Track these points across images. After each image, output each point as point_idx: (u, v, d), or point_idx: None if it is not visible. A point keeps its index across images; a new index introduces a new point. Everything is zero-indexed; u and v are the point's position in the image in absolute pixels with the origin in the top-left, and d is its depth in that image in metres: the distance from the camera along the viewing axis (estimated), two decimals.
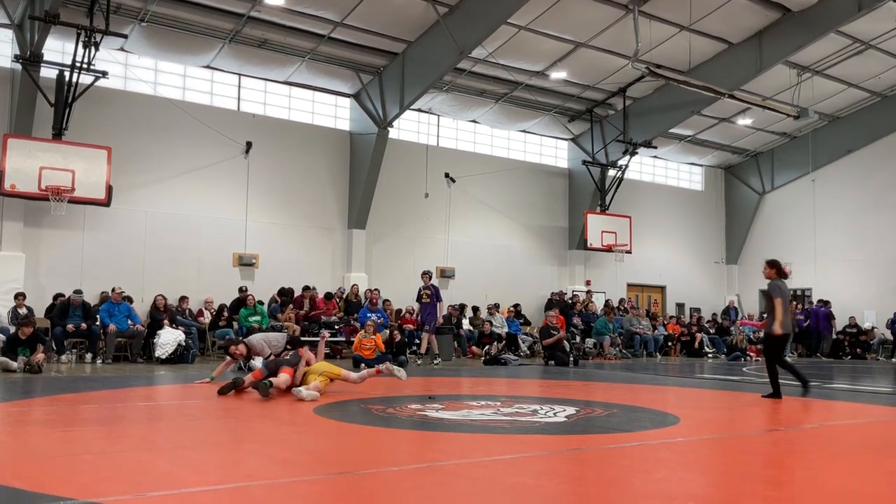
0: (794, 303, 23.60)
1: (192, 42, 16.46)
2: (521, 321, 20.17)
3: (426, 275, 15.54)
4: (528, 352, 18.81)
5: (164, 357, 13.69)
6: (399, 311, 18.16)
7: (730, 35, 18.90)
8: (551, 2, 16.49)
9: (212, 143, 17.35)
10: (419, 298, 15.64)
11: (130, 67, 16.61)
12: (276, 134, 18.43)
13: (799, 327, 22.66)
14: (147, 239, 16.49)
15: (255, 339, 9.90)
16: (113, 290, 14.40)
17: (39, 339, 11.82)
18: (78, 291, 14.03)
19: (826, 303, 22.92)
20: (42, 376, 10.60)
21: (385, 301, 17.68)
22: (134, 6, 15.18)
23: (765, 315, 12.03)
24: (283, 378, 8.00)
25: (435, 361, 15.16)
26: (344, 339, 16.54)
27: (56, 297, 14.56)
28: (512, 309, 20.06)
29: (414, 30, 17.18)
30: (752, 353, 20.33)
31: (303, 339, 15.25)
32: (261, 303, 16.08)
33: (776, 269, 9.42)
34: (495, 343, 17.45)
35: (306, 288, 17.27)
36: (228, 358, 9.68)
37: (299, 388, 7.94)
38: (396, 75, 18.02)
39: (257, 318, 15.31)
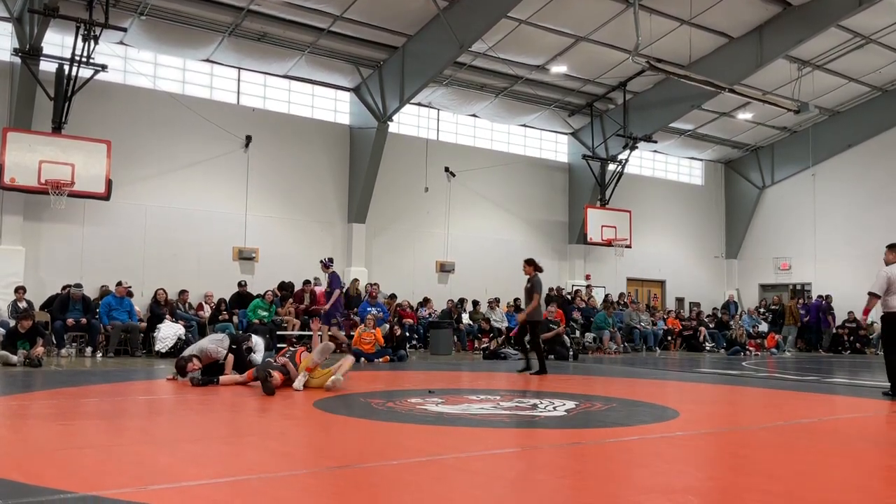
0: (796, 298, 23.67)
1: (192, 35, 16.43)
2: None
3: (323, 263, 14.42)
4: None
5: (164, 351, 13.71)
6: (399, 305, 18.16)
7: (730, 29, 18.86)
8: None
9: (211, 137, 17.33)
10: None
11: (130, 61, 16.58)
12: (276, 128, 18.41)
13: (801, 322, 22.70)
14: (147, 233, 16.48)
15: (207, 345, 9.44)
16: (119, 283, 14.37)
17: (39, 333, 11.83)
18: (78, 285, 14.00)
19: (826, 297, 22.92)
20: (42, 370, 10.61)
21: (391, 296, 17.67)
22: None
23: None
24: (274, 376, 8.05)
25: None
26: (344, 333, 16.51)
27: (65, 287, 14.50)
28: (512, 303, 20.07)
29: (414, 23, 17.14)
30: (751, 348, 20.36)
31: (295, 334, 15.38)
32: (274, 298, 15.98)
33: (534, 266, 11.13)
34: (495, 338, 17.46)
35: (306, 282, 17.28)
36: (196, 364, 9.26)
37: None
38: (396, 69, 17.99)
39: (266, 313, 15.31)
